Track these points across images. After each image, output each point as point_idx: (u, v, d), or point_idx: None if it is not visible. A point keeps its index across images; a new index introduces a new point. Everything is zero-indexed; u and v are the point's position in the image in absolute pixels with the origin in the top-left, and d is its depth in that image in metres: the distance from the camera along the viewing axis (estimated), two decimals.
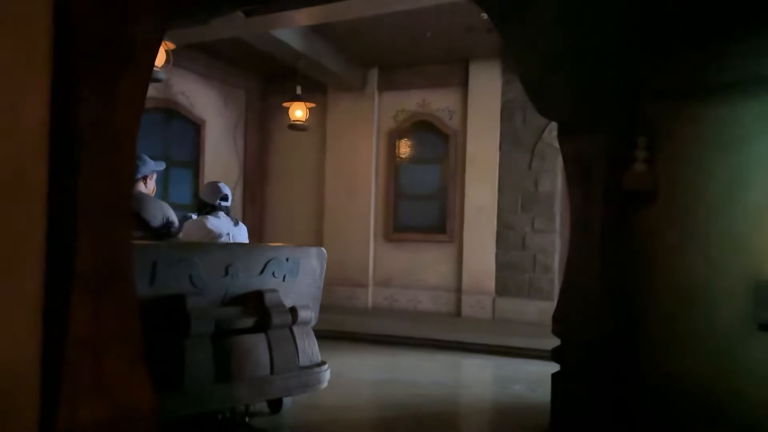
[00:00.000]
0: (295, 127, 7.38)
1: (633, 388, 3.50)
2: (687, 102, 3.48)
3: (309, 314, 3.62)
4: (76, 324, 1.69)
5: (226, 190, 4.58)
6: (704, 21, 3.33)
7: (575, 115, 3.61)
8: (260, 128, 9.30)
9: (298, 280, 3.72)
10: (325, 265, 3.96)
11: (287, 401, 3.67)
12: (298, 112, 7.30)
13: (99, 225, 1.78)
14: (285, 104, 7.36)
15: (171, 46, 5.39)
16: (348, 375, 4.87)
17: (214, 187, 4.62)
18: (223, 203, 4.52)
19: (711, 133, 3.36)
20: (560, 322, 3.74)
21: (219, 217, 4.42)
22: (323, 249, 3.89)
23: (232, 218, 4.59)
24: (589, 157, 3.54)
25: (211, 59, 8.28)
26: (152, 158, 6.86)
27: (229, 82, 8.76)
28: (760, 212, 3.15)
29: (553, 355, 3.76)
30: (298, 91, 7.32)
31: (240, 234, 4.54)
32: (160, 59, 5.35)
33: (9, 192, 1.54)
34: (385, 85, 8.80)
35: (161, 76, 5.47)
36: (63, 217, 1.71)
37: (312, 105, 7.43)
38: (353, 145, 8.84)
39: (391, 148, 8.78)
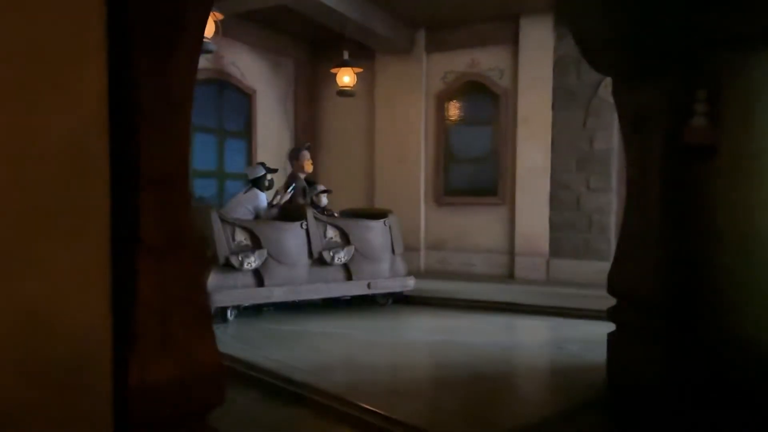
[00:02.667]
0: (343, 93, 7.38)
1: (694, 350, 3.43)
2: (753, 51, 3.30)
3: None
4: (143, 288, 1.78)
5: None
6: None
7: (632, 67, 3.47)
8: (310, 96, 9.35)
9: None
10: None
11: None
12: (346, 77, 7.29)
13: (160, 194, 1.85)
14: (333, 70, 7.35)
15: (219, 16, 5.45)
16: (405, 336, 4.95)
17: None
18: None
19: None
20: (617, 281, 3.68)
21: None
22: None
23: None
24: (647, 110, 3.42)
25: (259, 28, 8.33)
26: (204, 129, 7.35)
27: (278, 51, 8.81)
28: None
29: (610, 315, 3.71)
30: (345, 56, 7.30)
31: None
32: (210, 30, 5.42)
33: (73, 165, 1.62)
34: (433, 46, 8.66)
35: (211, 47, 5.56)
36: (125, 188, 1.79)
37: (359, 70, 7.40)
38: (402, 109, 8.78)
39: (441, 111, 8.69)
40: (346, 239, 5.83)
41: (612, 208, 7.64)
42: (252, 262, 5.33)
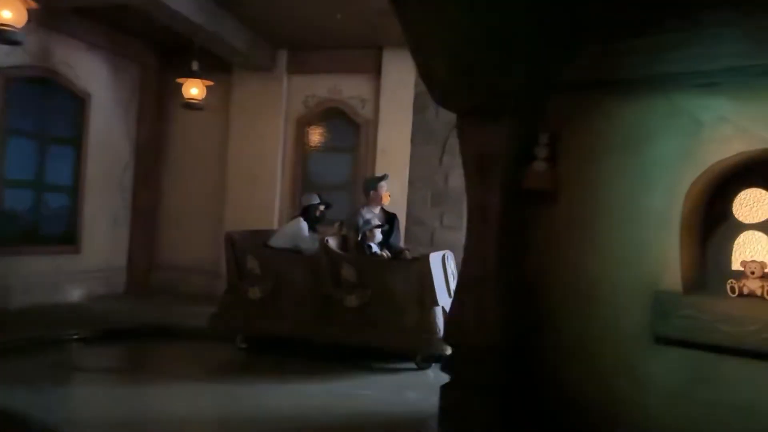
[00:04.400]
0: (189, 105, 6.77)
1: (529, 402, 3.27)
2: (592, 96, 3.26)
3: None
4: None
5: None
6: (610, 15, 3.12)
7: (475, 107, 3.31)
8: (157, 106, 8.56)
9: None
10: None
11: None
12: (194, 89, 6.71)
13: None
14: (179, 80, 6.73)
15: (32, 4, 4.69)
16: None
17: None
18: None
19: (615, 131, 3.15)
20: (452, 329, 3.46)
21: None
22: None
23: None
24: (489, 151, 3.26)
25: (100, 27, 7.50)
26: (22, 133, 6.43)
27: (122, 54, 7.98)
28: (661, 219, 2.98)
29: (443, 366, 3.48)
30: (195, 66, 6.72)
31: None
32: (20, 18, 4.65)
33: None
34: (295, 67, 8.30)
35: (20, 37, 4.77)
36: None
37: (209, 83, 6.85)
38: (260, 130, 8.28)
39: (300, 135, 8.30)
40: (364, 280, 5.13)
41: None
42: (257, 291, 5.28)
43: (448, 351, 3.57)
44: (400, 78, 7.81)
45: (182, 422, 3.76)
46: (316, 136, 8.31)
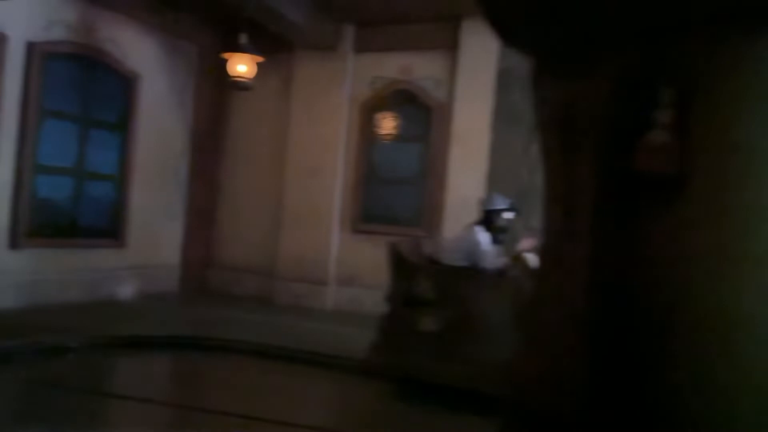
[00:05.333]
0: (236, 84, 6.00)
1: None
2: (742, 35, 2.05)
3: None
4: None
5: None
6: None
7: (562, 46, 2.19)
8: (215, 90, 7.92)
9: None
10: None
11: None
12: (241, 66, 5.91)
13: None
14: (224, 55, 5.96)
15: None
16: None
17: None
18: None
19: None
20: (523, 388, 2.35)
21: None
22: None
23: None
24: (580, 114, 2.12)
25: (154, 3, 6.91)
26: (60, 115, 5.88)
27: (177, 33, 7.38)
28: None
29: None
30: (243, 40, 5.92)
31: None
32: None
33: None
34: (362, 45, 7.38)
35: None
36: None
37: (260, 59, 6.03)
38: (321, 115, 7.44)
39: (366, 121, 7.37)
40: (442, 297, 4.08)
41: None
42: (430, 323, 3.99)
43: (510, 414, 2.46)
44: (480, 53, 6.69)
45: None
46: (383, 122, 7.34)
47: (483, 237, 4.33)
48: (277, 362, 4.80)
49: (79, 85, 6.24)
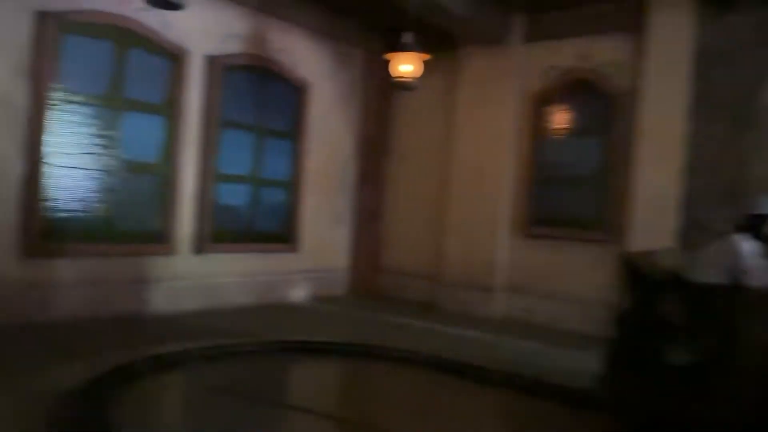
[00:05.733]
0: (400, 85, 5.78)
1: None
2: None
3: None
4: None
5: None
6: None
7: None
8: (381, 95, 7.85)
9: None
10: None
11: None
12: (405, 66, 5.69)
13: None
14: (386, 56, 5.79)
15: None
16: None
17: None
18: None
19: None
20: None
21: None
22: None
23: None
24: None
25: (320, 10, 6.99)
26: (238, 126, 6.08)
27: (344, 39, 7.42)
28: None
29: None
30: (407, 39, 5.70)
31: None
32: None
33: None
34: (533, 34, 6.84)
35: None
36: None
37: (425, 57, 5.76)
38: (488, 112, 7.02)
39: (537, 116, 6.81)
40: (696, 322, 3.32)
41: None
42: (682, 354, 3.22)
43: None
44: (672, 31, 5.85)
45: None
46: (556, 115, 6.72)
47: (748, 247, 3.46)
48: (452, 377, 4.46)
49: (253, 95, 6.46)
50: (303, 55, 6.96)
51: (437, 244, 7.34)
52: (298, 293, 7.07)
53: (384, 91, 7.82)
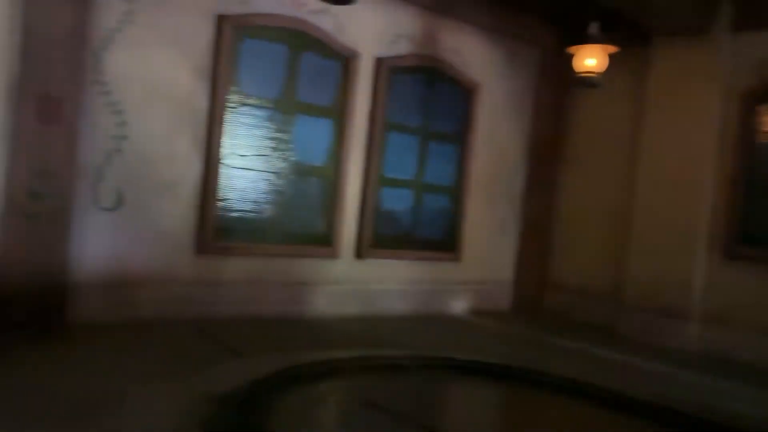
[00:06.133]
0: (583, 81, 5.19)
1: None
2: None
3: None
4: None
5: None
6: None
7: None
8: (555, 96, 7.24)
9: None
10: None
11: None
12: (590, 60, 5.09)
13: None
14: (569, 50, 5.22)
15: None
16: None
17: None
18: None
19: None
20: None
21: None
22: None
23: None
24: None
25: (493, 6, 6.58)
26: (402, 128, 5.93)
27: (517, 36, 6.93)
28: None
29: None
30: (593, 30, 5.10)
31: None
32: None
33: None
34: (745, 21, 5.84)
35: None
36: None
37: (613, 49, 5.12)
38: (686, 113, 6.12)
39: (746, 118, 5.79)
40: None
41: None
42: None
43: None
44: None
45: None
46: None
47: None
48: (628, 416, 3.81)
49: (419, 97, 6.23)
50: (474, 54, 6.60)
51: (616, 260, 6.56)
52: (459, 305, 6.70)
53: (558, 91, 7.23)
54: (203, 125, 4.94)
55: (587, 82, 5.15)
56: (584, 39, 5.10)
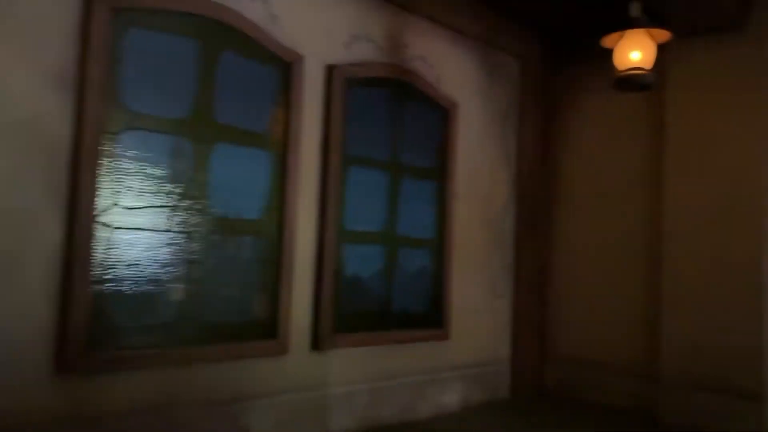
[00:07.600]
0: (626, 80, 3.71)
1: None
2: None
3: None
4: None
5: None
6: None
7: None
8: (545, 118, 5.82)
9: None
10: None
11: None
12: (635, 52, 3.63)
13: None
14: (604, 43, 3.76)
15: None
16: None
17: None
18: None
19: None
20: None
21: None
22: None
23: None
24: None
25: (473, 9, 5.11)
26: (365, 162, 4.28)
27: (495, 44, 5.48)
28: None
29: None
30: (635, 12, 3.67)
31: None
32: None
33: None
34: None
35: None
36: None
37: (666, 36, 3.69)
38: (721, 130, 4.81)
39: None
40: None
41: None
42: None
43: None
44: None
45: None
46: None
47: None
48: None
49: (386, 119, 4.57)
50: (449, 64, 5.06)
51: (644, 322, 5.07)
52: (451, 398, 4.94)
53: (545, 111, 5.81)
54: (64, 163, 3.02)
55: (638, 82, 3.66)
56: (625, 23, 3.65)
